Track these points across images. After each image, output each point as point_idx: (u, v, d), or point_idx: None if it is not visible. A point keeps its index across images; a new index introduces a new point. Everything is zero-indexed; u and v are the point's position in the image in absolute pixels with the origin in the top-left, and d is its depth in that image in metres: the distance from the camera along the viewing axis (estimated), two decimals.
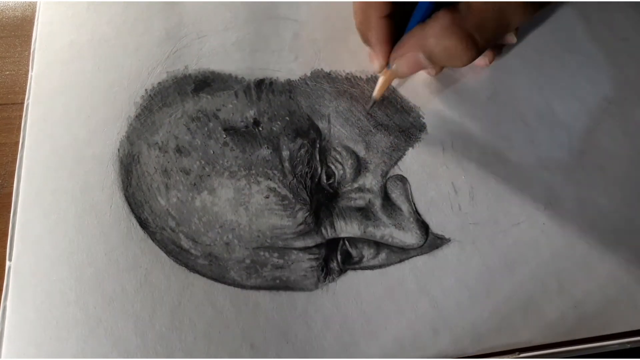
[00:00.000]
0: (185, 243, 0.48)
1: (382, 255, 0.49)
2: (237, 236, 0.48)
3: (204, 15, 0.58)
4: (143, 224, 0.48)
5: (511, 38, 0.53)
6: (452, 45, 0.43)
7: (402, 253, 0.49)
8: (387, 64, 0.49)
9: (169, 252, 0.48)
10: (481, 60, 0.54)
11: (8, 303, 0.45)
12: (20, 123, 0.52)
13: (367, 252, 0.49)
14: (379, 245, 0.49)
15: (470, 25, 0.43)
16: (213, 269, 0.47)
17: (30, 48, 0.55)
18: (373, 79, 0.55)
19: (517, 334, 0.46)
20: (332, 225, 0.49)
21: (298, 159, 0.50)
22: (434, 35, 0.44)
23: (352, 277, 0.48)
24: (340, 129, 0.52)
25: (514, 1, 0.43)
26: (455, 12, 0.43)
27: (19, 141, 0.51)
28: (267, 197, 0.49)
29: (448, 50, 0.44)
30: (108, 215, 0.48)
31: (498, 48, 0.56)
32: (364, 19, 0.49)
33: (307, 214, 0.49)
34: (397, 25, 0.48)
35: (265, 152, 0.51)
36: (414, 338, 0.46)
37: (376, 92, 0.52)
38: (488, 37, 0.44)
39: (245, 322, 0.46)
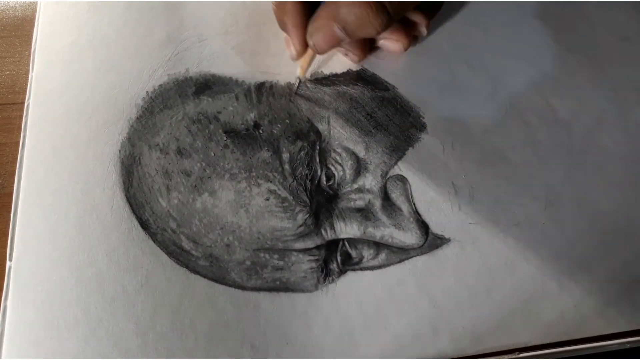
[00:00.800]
0: (186, 244, 0.48)
1: (382, 256, 0.49)
2: (238, 238, 0.48)
3: (204, 19, 0.58)
4: (144, 225, 0.48)
5: (422, 30, 0.55)
6: (363, 12, 0.45)
7: (402, 253, 0.49)
8: (305, 50, 0.51)
9: (169, 253, 0.48)
10: (396, 46, 0.55)
11: (8, 303, 0.45)
12: (20, 123, 0.52)
13: (367, 253, 0.49)
14: (378, 245, 0.49)
15: None
16: (214, 270, 0.48)
17: (30, 48, 0.55)
18: (373, 81, 0.55)
19: (517, 333, 0.46)
20: (332, 227, 0.49)
21: (298, 161, 0.50)
22: (345, 5, 0.45)
23: (352, 278, 0.48)
24: (339, 130, 0.52)
25: None
26: None
27: (19, 141, 0.51)
28: (267, 199, 0.49)
29: (360, 19, 0.46)
30: (109, 216, 0.49)
31: (413, 38, 0.56)
32: (279, 4, 0.50)
33: (307, 216, 0.49)
34: (312, 10, 0.49)
35: (265, 154, 0.51)
36: (414, 338, 0.46)
37: (299, 71, 0.54)
38: (398, 5, 0.46)
39: (246, 323, 0.46)
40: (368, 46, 0.56)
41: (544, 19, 0.59)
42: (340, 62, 0.56)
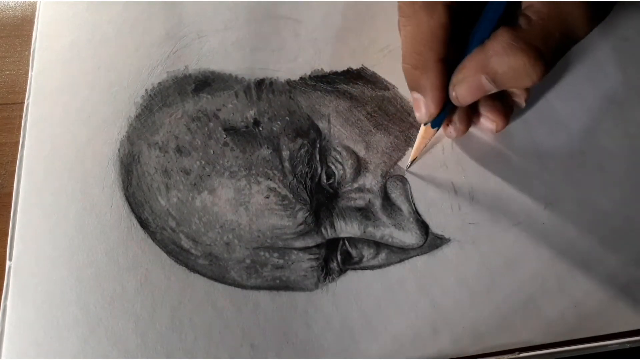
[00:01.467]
0: (186, 243, 0.48)
1: (382, 255, 0.49)
2: (237, 236, 0.48)
3: (204, 15, 0.58)
4: (143, 224, 0.48)
5: (520, 102, 0.51)
6: (518, 62, 0.40)
7: (402, 253, 0.49)
8: (439, 112, 0.46)
9: (169, 252, 0.48)
10: (490, 126, 0.51)
11: (8, 303, 0.45)
12: (20, 123, 0.52)
13: (367, 252, 0.49)
14: (378, 245, 0.49)
15: (534, 38, 0.39)
16: (213, 269, 0.48)
17: (30, 48, 0.55)
18: (373, 80, 0.55)
19: (517, 333, 0.46)
20: (332, 225, 0.49)
21: (298, 159, 0.50)
22: (497, 54, 0.40)
23: (352, 277, 0.48)
24: (340, 128, 0.52)
25: (576, 7, 0.40)
26: (516, 28, 0.40)
27: (19, 141, 0.51)
28: (267, 197, 0.49)
29: (514, 69, 0.40)
30: (108, 215, 0.49)
31: (508, 112, 0.51)
32: (419, 63, 0.43)
33: (307, 214, 0.49)
34: (450, 68, 0.44)
35: (265, 152, 0.51)
36: (414, 338, 0.46)
37: (415, 148, 0.50)
38: (555, 49, 0.40)
39: (246, 322, 0.46)
40: (505, 111, 0.51)
41: None
42: (340, 60, 0.56)
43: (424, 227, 0.49)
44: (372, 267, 0.48)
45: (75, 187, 0.49)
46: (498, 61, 0.41)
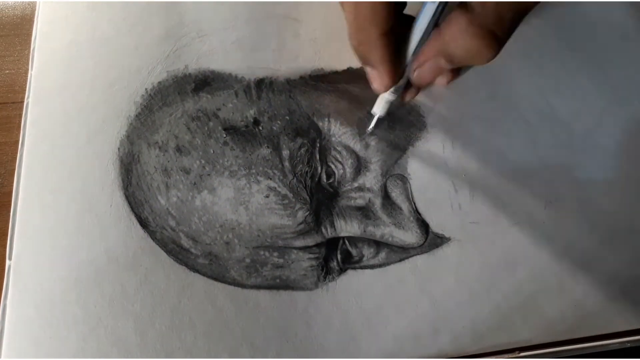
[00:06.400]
0: (185, 242, 0.48)
1: (382, 255, 0.49)
2: (237, 235, 0.48)
3: (204, 15, 0.58)
4: (143, 223, 0.48)
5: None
6: (474, 45, 0.41)
7: (402, 252, 0.49)
8: (393, 83, 0.46)
9: (169, 251, 0.48)
10: (441, 80, 0.49)
11: (8, 302, 0.45)
12: (20, 122, 0.52)
13: (367, 252, 0.49)
14: (379, 244, 0.49)
15: (488, 21, 0.40)
16: (213, 268, 0.47)
17: (30, 47, 0.55)
18: None
19: (517, 333, 0.46)
20: (332, 225, 0.49)
21: (298, 158, 0.50)
22: (454, 39, 0.41)
23: (352, 277, 0.48)
24: (340, 128, 0.52)
25: None
26: (470, 11, 0.40)
27: (18, 140, 0.51)
28: (267, 197, 0.49)
29: (470, 51, 0.41)
30: (108, 214, 0.48)
31: (456, 71, 0.50)
32: (363, 39, 0.43)
33: (307, 213, 0.49)
34: (397, 40, 0.43)
35: (265, 151, 0.51)
36: (414, 337, 0.46)
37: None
38: (508, 30, 0.41)
39: (246, 322, 0.46)
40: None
41: (545, 19, 0.59)
42: (340, 59, 0.56)
43: (424, 226, 0.49)
44: (372, 267, 0.48)
45: (75, 187, 0.49)
46: (455, 45, 0.42)
